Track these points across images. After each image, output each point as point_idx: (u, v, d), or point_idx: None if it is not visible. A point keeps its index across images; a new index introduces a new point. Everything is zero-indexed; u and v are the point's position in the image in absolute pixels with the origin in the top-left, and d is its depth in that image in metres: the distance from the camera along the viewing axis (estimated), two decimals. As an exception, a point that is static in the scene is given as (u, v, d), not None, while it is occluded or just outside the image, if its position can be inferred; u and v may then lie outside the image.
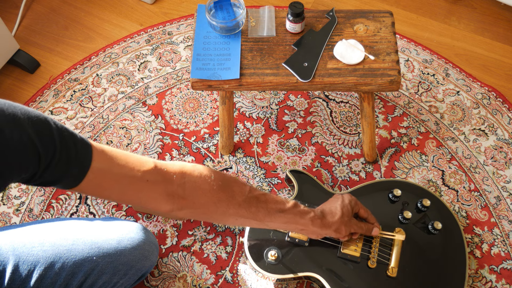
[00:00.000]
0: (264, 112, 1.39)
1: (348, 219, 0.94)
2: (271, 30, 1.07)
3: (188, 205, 0.73)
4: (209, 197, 0.75)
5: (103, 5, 1.64)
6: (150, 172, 0.69)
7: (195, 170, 0.74)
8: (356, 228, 0.96)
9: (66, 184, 0.63)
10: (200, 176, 0.74)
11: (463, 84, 1.43)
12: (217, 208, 0.76)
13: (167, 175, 0.71)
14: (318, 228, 0.89)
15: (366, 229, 0.98)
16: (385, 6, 1.63)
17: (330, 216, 0.92)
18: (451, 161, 1.31)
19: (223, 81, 1.02)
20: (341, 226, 0.92)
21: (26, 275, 0.84)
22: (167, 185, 0.71)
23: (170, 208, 0.72)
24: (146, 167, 0.69)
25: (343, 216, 0.93)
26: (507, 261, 1.17)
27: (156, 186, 0.69)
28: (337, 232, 0.93)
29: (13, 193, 1.26)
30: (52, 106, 1.41)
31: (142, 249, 0.93)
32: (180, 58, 1.49)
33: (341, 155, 1.32)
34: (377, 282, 1.03)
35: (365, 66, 1.03)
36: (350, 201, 0.96)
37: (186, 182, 0.72)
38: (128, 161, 0.67)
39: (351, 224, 0.95)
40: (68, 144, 0.61)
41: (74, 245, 0.87)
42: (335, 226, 0.91)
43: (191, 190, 0.73)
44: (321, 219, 0.90)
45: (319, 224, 0.89)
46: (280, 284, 1.14)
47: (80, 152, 0.62)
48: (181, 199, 0.72)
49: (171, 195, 0.71)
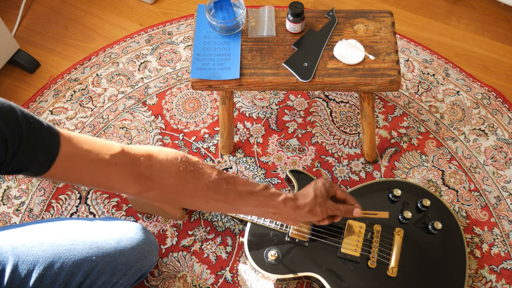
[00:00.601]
0: (264, 112, 1.39)
1: (323, 200, 0.91)
2: (271, 30, 1.07)
3: (156, 187, 0.74)
4: (176, 179, 0.75)
5: (103, 5, 1.64)
6: (117, 155, 0.70)
7: (161, 152, 0.75)
8: (333, 209, 0.93)
9: (36, 170, 0.63)
10: (167, 158, 0.74)
11: (463, 84, 1.43)
12: (185, 190, 0.76)
13: (134, 158, 0.71)
14: (291, 210, 0.87)
15: (345, 210, 0.94)
16: (385, 6, 1.63)
17: (303, 198, 0.89)
18: (451, 161, 1.31)
19: (223, 81, 1.02)
20: (315, 207, 0.89)
21: (25, 274, 0.84)
22: (134, 167, 0.71)
23: (139, 190, 0.72)
24: (113, 150, 0.70)
25: (316, 197, 0.90)
26: (507, 261, 1.17)
27: (124, 169, 0.70)
28: (312, 213, 0.89)
29: (13, 193, 1.26)
30: (52, 106, 1.41)
31: (142, 249, 0.93)
32: (180, 58, 1.49)
33: (341, 155, 1.32)
34: (377, 282, 1.03)
35: (365, 66, 1.03)
36: (323, 184, 0.93)
37: (153, 164, 0.73)
38: (95, 145, 0.68)
39: (326, 205, 0.91)
40: (34, 130, 0.61)
41: (73, 245, 0.87)
42: (308, 207, 0.88)
43: (158, 172, 0.73)
44: (294, 200, 0.88)
45: (291, 206, 0.86)
46: (280, 284, 1.14)
47: (47, 138, 0.62)
48: (149, 181, 0.73)
49: (138, 176, 0.72)
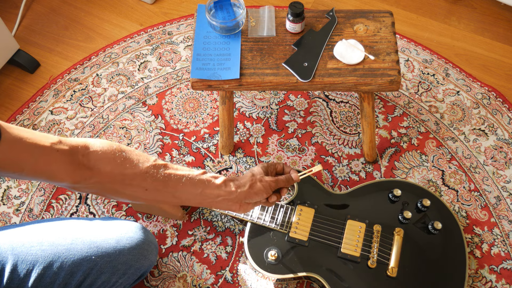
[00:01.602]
0: (264, 112, 1.39)
1: (261, 176, 0.91)
2: (271, 30, 1.07)
3: (95, 175, 0.74)
4: (113, 165, 0.76)
5: (103, 5, 1.64)
6: (56, 143, 0.71)
7: (97, 141, 0.76)
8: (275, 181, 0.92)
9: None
10: (102, 147, 0.76)
11: (463, 84, 1.43)
12: (123, 176, 0.77)
13: (72, 147, 0.73)
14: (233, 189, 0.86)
15: (285, 179, 0.94)
16: (385, 6, 1.63)
17: (241, 178, 0.90)
18: (451, 161, 1.30)
19: (223, 81, 1.02)
20: (255, 183, 0.89)
21: (24, 274, 0.84)
22: (73, 155, 0.72)
23: (79, 178, 0.73)
24: (52, 140, 0.71)
25: (254, 175, 0.90)
26: (507, 261, 1.17)
27: (64, 156, 0.71)
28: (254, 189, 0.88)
29: (13, 193, 1.26)
30: (52, 106, 1.41)
31: (141, 248, 0.93)
32: (180, 58, 1.49)
33: (341, 155, 1.32)
34: (377, 282, 1.03)
35: (365, 66, 1.03)
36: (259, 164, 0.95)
37: (90, 153, 0.74)
38: (35, 134, 0.70)
39: (266, 180, 0.90)
40: None
41: (73, 245, 0.87)
42: (248, 184, 0.88)
43: (95, 160, 0.74)
44: (233, 181, 0.88)
45: (232, 185, 0.86)
46: (280, 284, 1.14)
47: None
48: (87, 169, 0.74)
49: (77, 165, 0.73)
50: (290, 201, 1.12)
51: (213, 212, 1.23)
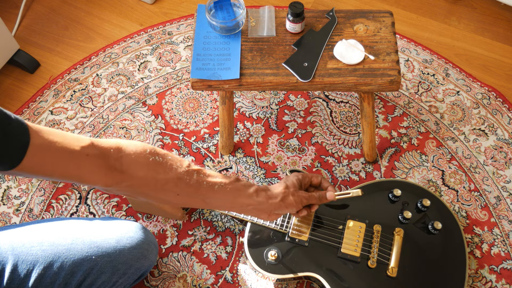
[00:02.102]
0: (264, 112, 1.39)
1: (294, 189, 0.91)
2: (271, 30, 1.07)
3: (127, 179, 0.73)
4: (146, 170, 0.74)
5: (103, 5, 1.64)
6: (88, 147, 0.69)
7: (130, 144, 0.75)
8: (307, 197, 0.93)
9: (7, 164, 0.63)
10: (136, 150, 0.74)
11: (463, 84, 1.43)
12: (156, 182, 0.76)
13: (104, 150, 0.71)
14: (264, 200, 0.87)
15: (318, 196, 0.95)
16: (385, 6, 1.63)
17: (274, 188, 0.90)
18: (451, 161, 1.30)
19: (223, 81, 1.02)
20: (287, 196, 0.89)
21: (25, 274, 0.84)
22: (105, 159, 0.71)
23: (111, 182, 0.72)
24: (83, 142, 0.69)
25: (287, 187, 0.90)
26: (507, 261, 1.17)
27: (95, 160, 0.70)
28: (286, 203, 0.89)
29: (13, 193, 1.26)
30: (52, 106, 1.41)
31: (141, 248, 0.93)
32: (180, 58, 1.49)
33: (341, 155, 1.32)
34: (377, 282, 1.03)
35: (365, 66, 1.03)
36: (295, 175, 0.94)
37: (122, 156, 0.73)
38: (65, 137, 0.68)
39: (299, 195, 0.91)
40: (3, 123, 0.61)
41: (73, 245, 0.87)
42: (280, 196, 0.89)
43: (128, 164, 0.73)
44: (265, 191, 0.88)
45: (264, 196, 0.87)
46: (280, 284, 1.14)
47: (17, 131, 0.62)
48: (119, 173, 0.72)
49: (109, 169, 0.71)
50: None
51: (213, 212, 1.23)
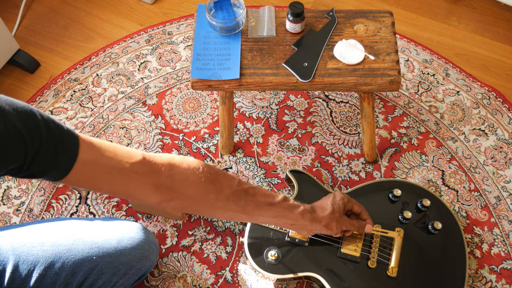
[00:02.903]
0: (264, 112, 1.39)
1: (339, 215, 0.93)
2: (271, 30, 1.07)
3: (176, 197, 0.73)
4: (197, 189, 0.74)
5: (103, 5, 1.64)
6: (138, 164, 0.69)
7: (184, 162, 0.74)
8: (348, 225, 0.95)
9: (55, 175, 0.63)
10: (189, 168, 0.74)
11: (463, 84, 1.43)
12: (206, 201, 0.76)
13: (155, 167, 0.71)
14: (308, 222, 0.88)
15: (358, 226, 0.97)
16: (385, 6, 1.63)
17: (321, 211, 0.91)
18: (451, 161, 1.31)
19: (223, 81, 1.02)
20: (331, 221, 0.91)
21: (26, 274, 0.84)
22: (155, 176, 0.71)
23: (159, 200, 0.72)
24: (134, 158, 0.69)
25: (333, 212, 0.92)
26: (507, 261, 1.17)
27: (144, 178, 0.70)
28: (328, 228, 0.92)
29: (13, 193, 1.26)
30: (52, 106, 1.41)
31: (142, 249, 0.93)
32: (180, 58, 1.49)
33: (341, 155, 1.32)
34: (377, 282, 1.03)
35: (365, 66, 1.03)
36: (342, 198, 0.96)
37: (174, 174, 0.72)
38: (116, 152, 0.68)
39: (342, 221, 0.94)
40: (54, 134, 0.61)
41: (74, 245, 0.87)
42: (325, 221, 0.90)
43: (179, 182, 0.73)
44: (311, 213, 0.89)
45: (309, 218, 0.88)
46: (280, 284, 1.14)
47: (67, 142, 0.62)
48: (170, 191, 0.72)
49: (159, 186, 0.71)
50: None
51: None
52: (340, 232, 0.96)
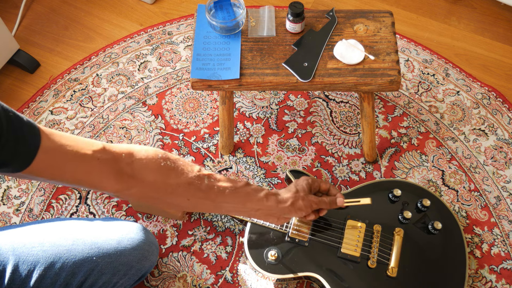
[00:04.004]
0: (264, 112, 1.39)
1: (305, 194, 0.91)
2: (271, 30, 1.07)
3: (137, 184, 0.73)
4: (157, 175, 0.75)
5: (103, 5, 1.64)
6: (99, 151, 0.70)
7: (142, 149, 0.75)
8: (317, 202, 0.93)
9: (16, 166, 0.63)
10: (148, 155, 0.75)
11: (463, 84, 1.43)
12: (167, 186, 0.76)
13: (116, 154, 0.72)
14: (274, 204, 0.87)
15: (329, 201, 0.95)
16: (385, 6, 1.63)
17: (284, 193, 0.90)
18: (451, 161, 1.31)
19: (223, 81, 1.02)
20: (297, 200, 0.89)
21: (26, 275, 0.84)
22: (116, 164, 0.71)
23: (121, 187, 0.72)
24: (95, 146, 0.70)
25: (297, 191, 0.90)
26: (507, 261, 1.17)
27: (106, 165, 0.70)
28: (295, 207, 0.89)
29: (13, 193, 1.26)
30: (52, 106, 1.41)
31: (142, 249, 0.93)
32: (180, 58, 1.49)
33: (341, 155, 1.32)
34: (377, 282, 1.03)
35: (365, 66, 1.03)
36: (305, 179, 0.94)
37: (134, 161, 0.73)
38: (77, 141, 0.69)
39: (309, 199, 0.91)
40: (14, 125, 0.61)
41: (74, 245, 0.87)
42: (290, 201, 0.89)
43: (139, 169, 0.73)
44: (275, 195, 0.88)
45: (274, 200, 0.87)
46: (280, 284, 1.14)
47: (28, 132, 0.62)
48: (130, 178, 0.73)
49: (120, 174, 0.72)
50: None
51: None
52: (312, 213, 0.94)
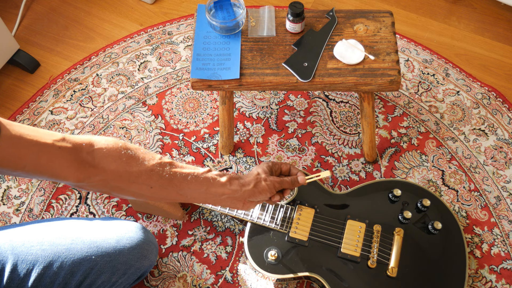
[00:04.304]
0: (264, 112, 1.39)
1: (266, 175, 0.91)
2: (271, 30, 1.07)
3: (99, 173, 0.74)
4: (118, 163, 0.75)
5: (103, 5, 1.64)
6: (59, 140, 0.70)
7: (102, 139, 0.76)
8: (279, 182, 0.93)
9: None
10: (108, 144, 0.75)
11: (463, 84, 1.43)
12: (129, 174, 0.76)
13: (76, 144, 0.72)
14: (238, 188, 0.87)
15: (290, 180, 0.94)
16: (385, 6, 1.63)
17: (246, 176, 0.90)
18: (451, 161, 1.30)
19: (223, 81, 1.02)
20: (259, 182, 0.89)
21: (24, 274, 0.84)
22: (77, 153, 0.72)
23: (83, 176, 0.72)
24: (55, 136, 0.70)
25: (259, 174, 0.91)
26: (507, 261, 1.17)
27: (66, 153, 0.70)
28: (259, 189, 0.89)
29: (13, 193, 1.26)
30: (52, 106, 1.41)
31: (141, 248, 0.93)
32: (180, 58, 1.49)
33: (341, 155, 1.32)
34: (377, 282, 1.03)
35: (365, 66, 1.03)
36: (265, 163, 0.95)
37: (95, 150, 0.73)
38: (37, 131, 0.69)
39: (271, 180, 0.91)
40: None
41: (73, 244, 0.87)
42: (253, 183, 0.89)
43: (101, 158, 0.74)
44: (238, 179, 0.88)
45: (237, 184, 0.87)
46: (280, 284, 1.14)
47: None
48: (91, 167, 0.73)
49: (81, 163, 0.72)
50: (290, 201, 1.12)
51: (213, 212, 1.23)
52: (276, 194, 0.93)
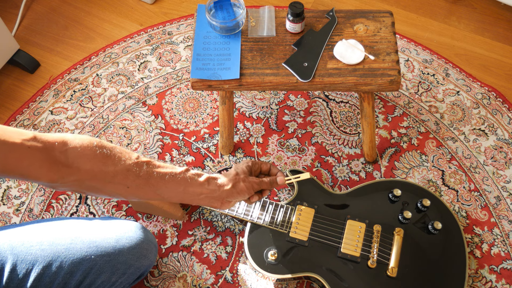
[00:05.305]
0: (264, 112, 1.39)
1: (245, 176, 0.91)
2: (271, 30, 1.07)
3: (73, 173, 0.71)
4: (93, 163, 0.73)
5: (103, 5, 1.64)
6: (30, 140, 0.68)
7: (76, 137, 0.73)
8: (258, 182, 0.92)
9: None
10: (82, 143, 0.72)
11: (463, 84, 1.43)
12: (105, 174, 0.74)
13: (48, 143, 0.69)
14: (216, 187, 0.87)
15: (269, 181, 0.94)
16: (385, 6, 1.63)
17: (224, 175, 0.90)
18: (451, 161, 1.30)
19: (223, 81, 1.02)
20: (238, 182, 0.89)
21: (24, 274, 0.84)
22: (49, 152, 0.69)
23: (56, 176, 0.70)
24: (25, 135, 0.68)
25: (238, 174, 0.90)
26: (507, 261, 1.17)
27: (38, 153, 0.68)
28: (237, 189, 0.89)
29: (13, 193, 1.26)
30: (52, 106, 1.41)
31: (141, 248, 0.93)
32: (180, 58, 1.49)
33: (341, 155, 1.32)
34: (377, 282, 1.03)
35: (365, 66, 1.03)
36: (245, 162, 0.94)
37: (68, 150, 0.71)
38: (5, 130, 0.67)
39: (249, 180, 0.91)
40: None
41: (72, 244, 0.87)
42: (231, 183, 0.88)
43: (75, 157, 0.71)
44: (216, 179, 0.88)
45: (215, 184, 0.86)
46: (280, 284, 1.14)
47: None
48: (65, 167, 0.71)
49: (54, 163, 0.69)
50: (290, 201, 1.12)
51: (213, 212, 1.23)
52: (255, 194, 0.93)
